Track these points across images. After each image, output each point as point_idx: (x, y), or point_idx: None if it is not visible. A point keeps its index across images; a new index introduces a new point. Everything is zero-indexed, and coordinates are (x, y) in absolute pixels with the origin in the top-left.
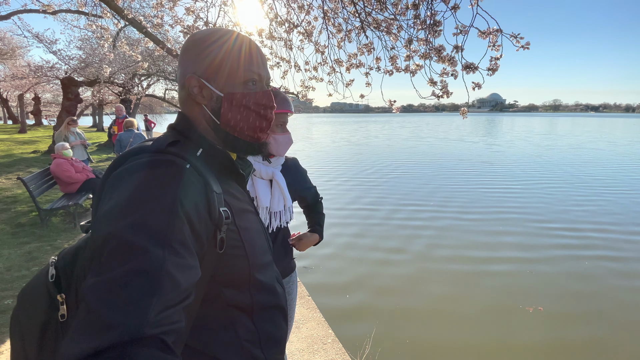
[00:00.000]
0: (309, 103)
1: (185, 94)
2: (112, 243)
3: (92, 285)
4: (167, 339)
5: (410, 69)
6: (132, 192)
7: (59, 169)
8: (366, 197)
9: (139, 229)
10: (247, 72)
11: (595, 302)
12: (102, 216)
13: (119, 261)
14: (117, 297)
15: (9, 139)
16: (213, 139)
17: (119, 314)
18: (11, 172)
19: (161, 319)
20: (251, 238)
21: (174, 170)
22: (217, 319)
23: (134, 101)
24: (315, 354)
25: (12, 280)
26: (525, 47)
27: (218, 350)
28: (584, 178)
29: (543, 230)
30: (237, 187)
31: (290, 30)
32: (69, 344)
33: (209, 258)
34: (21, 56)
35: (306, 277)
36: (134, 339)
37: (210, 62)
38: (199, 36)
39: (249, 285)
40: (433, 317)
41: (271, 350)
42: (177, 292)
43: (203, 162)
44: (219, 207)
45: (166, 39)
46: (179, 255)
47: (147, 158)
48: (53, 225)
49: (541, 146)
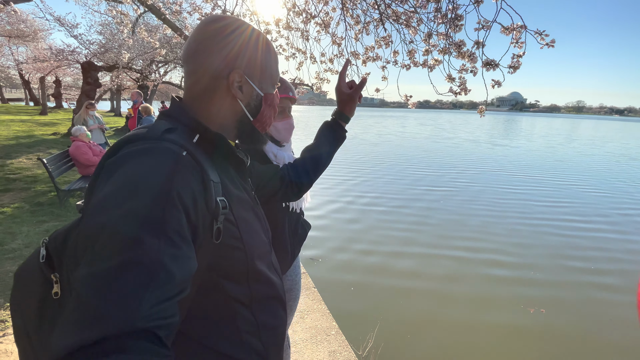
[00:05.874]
0: (324, 95)
1: (219, 85)
2: (106, 233)
3: (84, 276)
4: (160, 333)
5: (428, 64)
6: (126, 181)
7: (77, 152)
8: (377, 192)
9: (134, 219)
10: (277, 75)
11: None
12: (95, 204)
13: (113, 252)
14: (110, 289)
15: (30, 120)
16: (220, 128)
17: (111, 307)
18: (32, 152)
19: (155, 312)
20: (249, 229)
21: (170, 158)
22: (216, 311)
23: (150, 87)
24: (319, 345)
25: None
26: (550, 45)
27: (217, 342)
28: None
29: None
30: (236, 174)
31: (307, 20)
32: (60, 335)
33: (205, 248)
34: (43, 39)
35: (312, 268)
36: (126, 332)
37: (253, 60)
38: (223, 25)
39: (247, 276)
40: (437, 315)
41: (270, 340)
42: (172, 285)
43: (200, 148)
44: (216, 197)
45: (184, 27)
46: (175, 246)
47: (142, 145)
48: (70, 205)
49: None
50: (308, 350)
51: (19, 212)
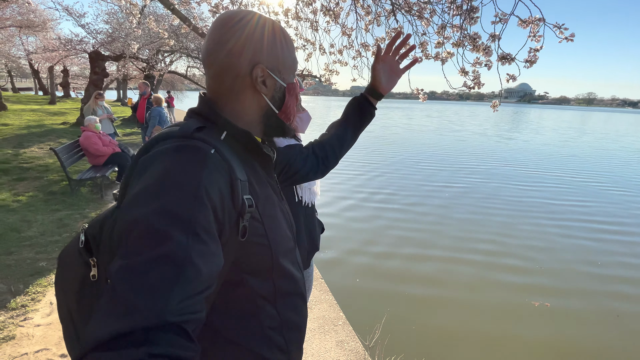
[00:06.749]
0: (329, 86)
1: (244, 83)
2: (139, 228)
3: (118, 269)
4: (188, 327)
5: (440, 57)
6: (157, 178)
7: (87, 142)
8: (388, 187)
9: (164, 215)
10: (295, 62)
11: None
12: (129, 200)
13: (145, 246)
14: (141, 282)
15: (40, 110)
16: (247, 125)
17: (142, 299)
18: (43, 142)
19: (183, 307)
20: (275, 225)
21: (199, 156)
22: (241, 306)
23: (156, 77)
24: (327, 335)
25: (46, 244)
26: (569, 39)
27: (240, 337)
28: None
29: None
30: (262, 170)
31: (316, 11)
32: (93, 325)
33: (230, 246)
34: (52, 29)
35: (319, 260)
36: (156, 325)
37: (273, 51)
38: (238, 22)
39: (272, 273)
40: (443, 307)
41: (292, 336)
42: (200, 281)
43: (227, 145)
44: (242, 195)
45: (192, 17)
46: (203, 243)
47: (173, 143)
48: (82, 194)
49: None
50: (316, 340)
51: (34, 201)
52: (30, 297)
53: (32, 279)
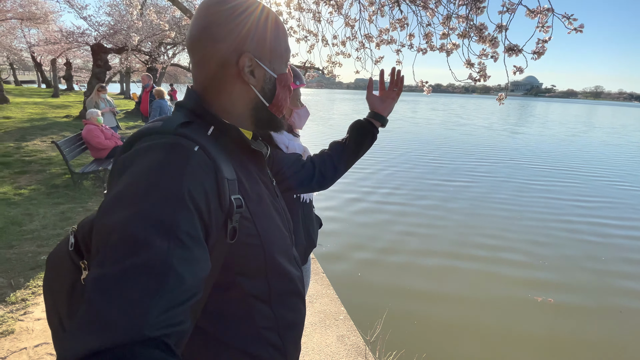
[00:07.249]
0: (333, 78)
1: (229, 73)
2: (115, 235)
3: (94, 279)
4: (169, 341)
5: (445, 48)
6: (136, 180)
7: (89, 135)
8: (392, 183)
9: (143, 220)
10: (288, 52)
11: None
12: (106, 204)
13: (122, 255)
14: (118, 294)
15: (43, 103)
16: (237, 119)
17: (119, 313)
18: (46, 135)
19: (164, 319)
20: (267, 224)
21: (181, 155)
22: (235, 308)
23: (159, 70)
24: (328, 329)
25: (48, 237)
26: (578, 30)
27: (235, 339)
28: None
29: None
30: (253, 166)
31: (319, 1)
32: (69, 340)
33: (219, 248)
34: (54, 21)
35: (320, 254)
36: (134, 341)
37: (262, 39)
38: (231, 4)
39: (266, 273)
40: (445, 303)
41: (289, 334)
42: (183, 290)
43: (214, 141)
44: (230, 195)
45: (193, 8)
46: (186, 248)
47: (154, 141)
48: (84, 188)
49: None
50: (317, 334)
51: (36, 194)
52: (30, 291)
53: (33, 273)
